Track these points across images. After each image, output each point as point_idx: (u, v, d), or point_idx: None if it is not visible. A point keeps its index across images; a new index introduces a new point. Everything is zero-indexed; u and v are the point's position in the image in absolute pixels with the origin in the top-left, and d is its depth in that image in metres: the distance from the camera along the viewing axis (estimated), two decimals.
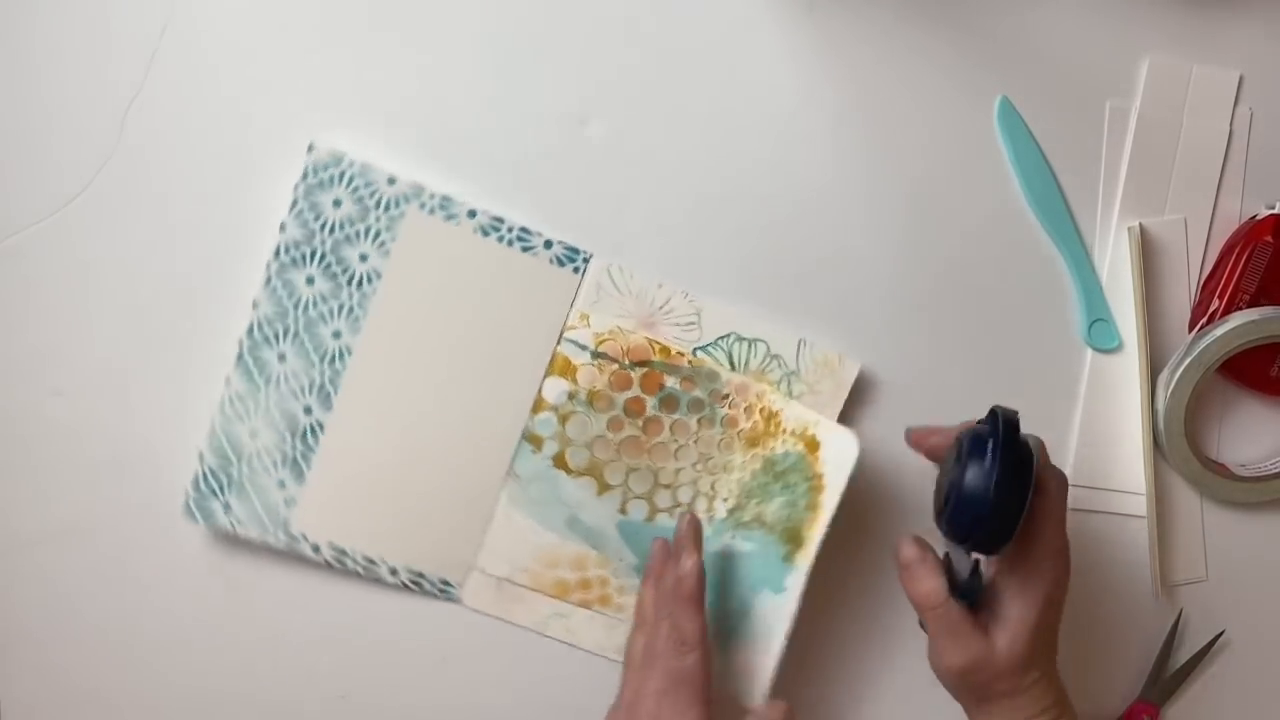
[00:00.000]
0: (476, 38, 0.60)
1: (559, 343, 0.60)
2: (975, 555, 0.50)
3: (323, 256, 0.59)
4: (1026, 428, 0.63)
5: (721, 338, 0.61)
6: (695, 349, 0.61)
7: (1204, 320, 0.62)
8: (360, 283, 0.59)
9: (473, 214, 0.59)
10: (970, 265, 0.63)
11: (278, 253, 0.59)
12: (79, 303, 0.60)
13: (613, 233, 0.61)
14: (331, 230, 0.59)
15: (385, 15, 0.60)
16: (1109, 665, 0.64)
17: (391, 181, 0.59)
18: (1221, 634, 0.64)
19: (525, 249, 0.60)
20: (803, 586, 0.57)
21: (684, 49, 0.61)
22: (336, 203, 0.58)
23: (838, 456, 0.58)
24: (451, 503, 0.60)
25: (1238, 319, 0.60)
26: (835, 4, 0.61)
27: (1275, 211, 0.61)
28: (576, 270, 0.60)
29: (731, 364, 0.61)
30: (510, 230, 0.59)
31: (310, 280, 0.59)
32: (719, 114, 0.61)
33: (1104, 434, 0.63)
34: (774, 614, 0.58)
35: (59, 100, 0.59)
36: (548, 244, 0.60)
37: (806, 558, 0.57)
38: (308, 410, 0.59)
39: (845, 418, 0.62)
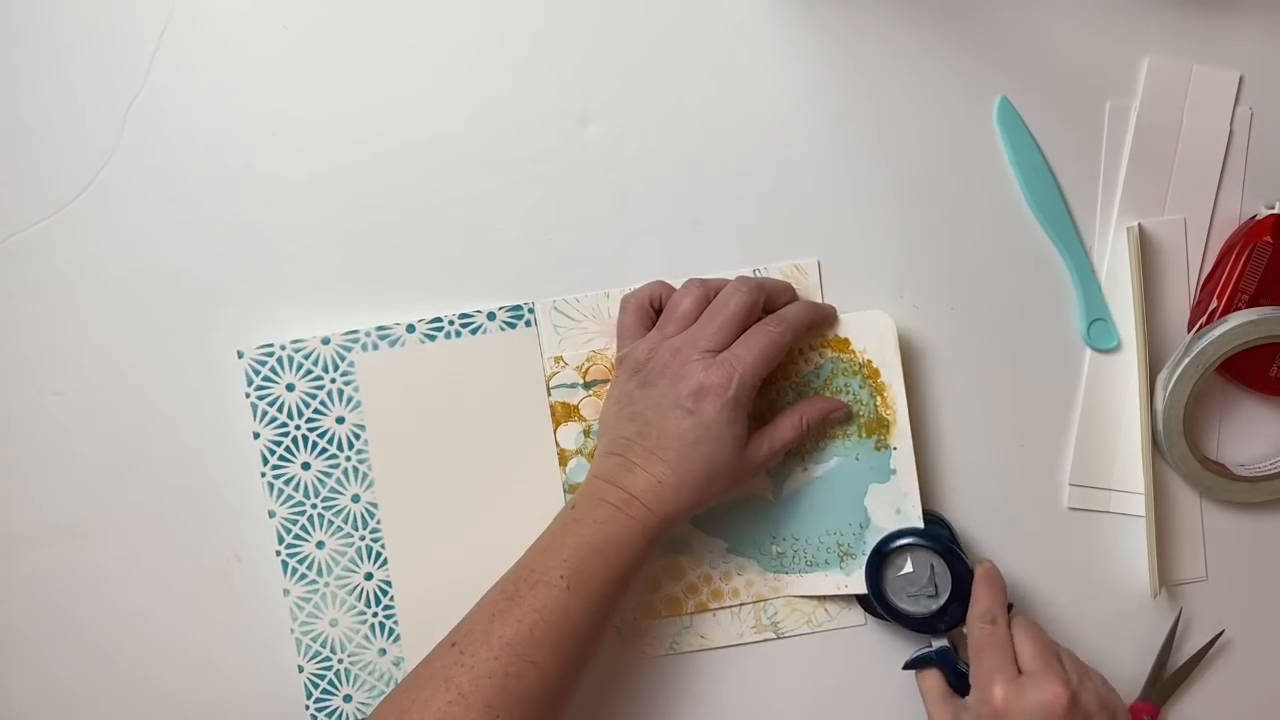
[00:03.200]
0: (475, 38, 0.61)
1: (549, 395, 0.61)
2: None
3: (305, 439, 0.60)
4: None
5: None
6: None
7: (1203, 320, 0.62)
8: (350, 443, 0.60)
9: (411, 329, 0.60)
10: (970, 265, 0.63)
11: (265, 459, 0.60)
12: (79, 303, 0.60)
13: (613, 234, 0.61)
14: (299, 413, 0.60)
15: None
16: (1109, 665, 0.64)
17: (326, 341, 0.60)
18: (1221, 634, 0.64)
19: (474, 331, 0.60)
20: (911, 457, 0.60)
21: (684, 49, 0.61)
22: (290, 387, 0.60)
23: (874, 335, 0.60)
24: None
25: (1237, 319, 0.60)
26: (835, 4, 0.61)
27: (1275, 211, 0.61)
28: (528, 324, 0.61)
29: None
30: (451, 324, 0.60)
31: (306, 466, 0.60)
32: (718, 114, 0.61)
33: (1103, 434, 0.63)
34: (893, 499, 0.60)
35: (59, 100, 0.59)
36: (490, 316, 0.61)
37: (902, 434, 0.60)
38: (368, 576, 0.61)
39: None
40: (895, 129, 0.62)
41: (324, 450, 0.60)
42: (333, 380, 0.60)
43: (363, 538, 0.61)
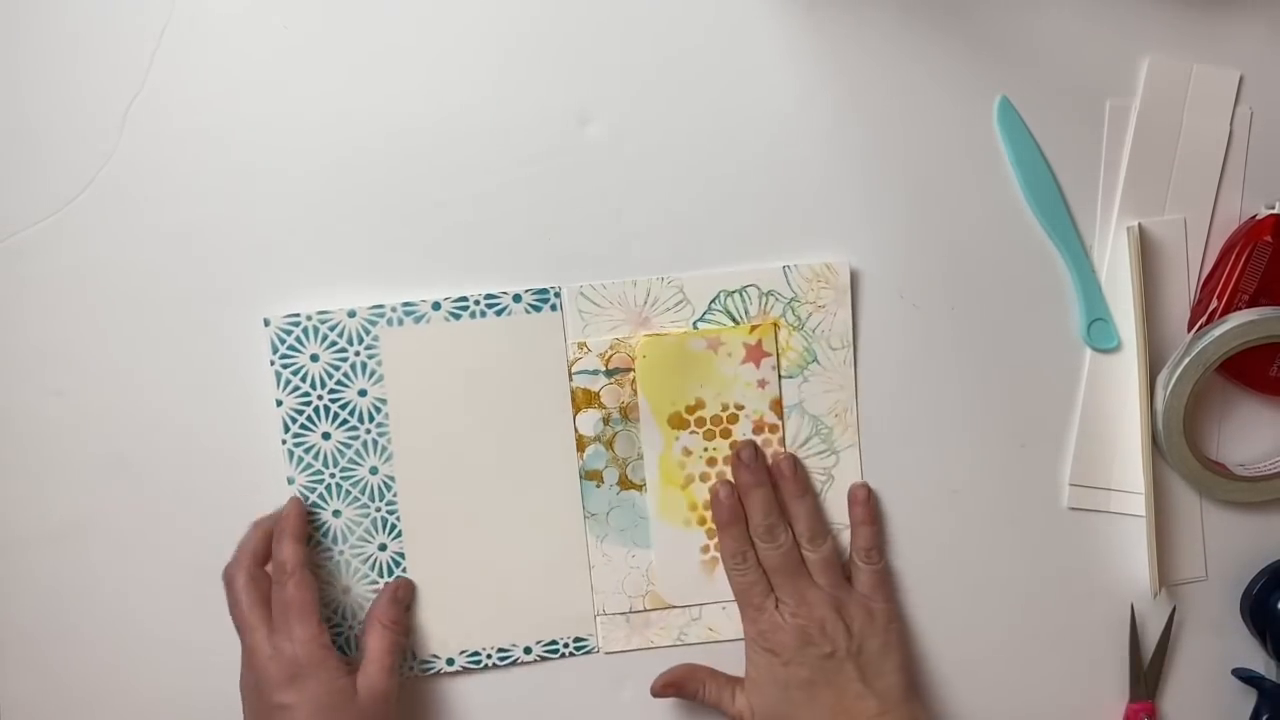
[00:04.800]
0: (476, 37, 0.61)
1: (571, 380, 0.61)
2: None
3: (327, 409, 0.60)
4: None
5: (713, 301, 0.62)
6: (694, 323, 0.62)
7: (1203, 320, 0.62)
8: (371, 415, 0.61)
9: (437, 306, 0.60)
10: (969, 265, 0.63)
11: (286, 426, 0.60)
12: (79, 303, 0.60)
13: (613, 233, 0.61)
14: (322, 383, 0.60)
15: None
16: (1109, 665, 0.65)
17: (352, 314, 0.60)
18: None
19: (499, 313, 0.61)
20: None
21: (684, 49, 0.61)
22: (314, 358, 0.60)
23: None
24: (549, 566, 0.62)
25: (1237, 319, 0.60)
26: (835, 4, 0.61)
27: (1275, 211, 0.61)
28: (554, 308, 0.61)
29: (734, 319, 0.62)
30: (477, 304, 0.61)
31: (327, 436, 0.61)
32: (718, 114, 0.61)
33: (1103, 434, 0.63)
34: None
35: (59, 100, 0.59)
36: (516, 298, 0.61)
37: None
38: (382, 547, 0.61)
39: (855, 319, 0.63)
40: (895, 129, 0.62)
41: (345, 421, 0.61)
42: (356, 353, 0.60)
43: (378, 509, 0.61)
